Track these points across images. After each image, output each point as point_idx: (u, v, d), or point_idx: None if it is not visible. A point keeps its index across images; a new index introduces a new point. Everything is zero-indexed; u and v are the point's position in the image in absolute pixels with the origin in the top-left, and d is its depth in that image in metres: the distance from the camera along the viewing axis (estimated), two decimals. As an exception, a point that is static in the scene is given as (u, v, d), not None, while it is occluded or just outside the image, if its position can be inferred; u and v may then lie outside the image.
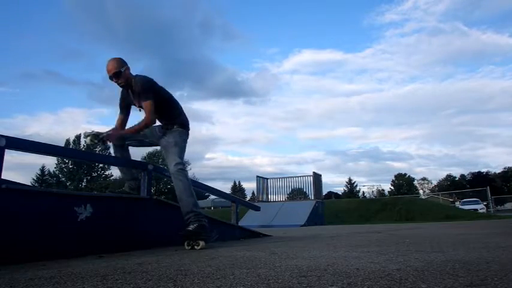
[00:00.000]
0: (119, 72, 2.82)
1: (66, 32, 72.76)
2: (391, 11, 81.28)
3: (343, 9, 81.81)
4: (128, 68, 2.90)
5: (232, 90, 73.13)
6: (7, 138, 2.19)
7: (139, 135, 3.08)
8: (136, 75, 2.91)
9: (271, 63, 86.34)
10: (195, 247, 2.66)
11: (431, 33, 74.38)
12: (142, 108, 2.90)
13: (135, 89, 2.87)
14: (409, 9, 75.27)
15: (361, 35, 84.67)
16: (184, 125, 3.07)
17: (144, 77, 2.90)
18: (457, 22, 75.65)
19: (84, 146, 45.20)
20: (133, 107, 3.07)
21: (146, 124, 2.88)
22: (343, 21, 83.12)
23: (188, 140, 3.06)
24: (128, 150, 3.17)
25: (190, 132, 3.11)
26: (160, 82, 3.01)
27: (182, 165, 2.88)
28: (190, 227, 2.72)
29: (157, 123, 3.03)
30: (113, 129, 2.99)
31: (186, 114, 3.15)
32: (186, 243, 2.72)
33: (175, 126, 3.01)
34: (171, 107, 3.05)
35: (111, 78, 2.84)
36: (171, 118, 3.04)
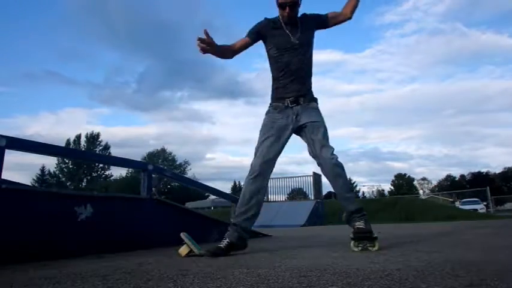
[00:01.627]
0: (297, 3, 2.34)
1: (67, 32, 72.71)
2: (390, 11, 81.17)
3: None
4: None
5: (232, 91, 73.06)
6: (7, 138, 2.19)
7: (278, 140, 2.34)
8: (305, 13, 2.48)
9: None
10: (370, 248, 2.16)
11: (431, 33, 74.42)
12: (295, 51, 2.35)
13: (308, 24, 2.41)
14: (408, 10, 75.29)
15: (361, 36, 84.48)
16: (316, 100, 2.47)
17: None
18: (457, 22, 75.70)
19: (84, 146, 45.26)
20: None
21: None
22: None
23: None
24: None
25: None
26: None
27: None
28: (362, 225, 2.23)
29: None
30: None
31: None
32: (354, 244, 2.19)
33: (311, 96, 2.43)
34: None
35: (284, 5, 2.31)
36: (310, 80, 2.47)
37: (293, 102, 2.35)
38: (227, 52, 2.38)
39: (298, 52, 2.36)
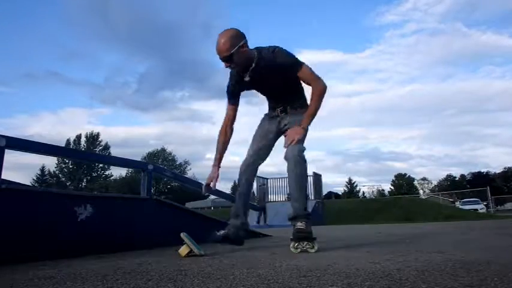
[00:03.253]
0: (230, 56, 2.21)
1: (68, 32, 72.95)
2: (390, 11, 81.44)
3: (343, 9, 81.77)
4: (244, 45, 2.24)
5: (233, 91, 72.93)
6: (7, 138, 2.18)
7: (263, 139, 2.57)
8: (261, 49, 2.32)
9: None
10: (309, 250, 2.14)
11: (431, 34, 74.44)
12: (266, 90, 2.48)
13: (266, 65, 2.30)
14: (408, 10, 75.54)
15: (361, 36, 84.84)
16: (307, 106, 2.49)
17: (281, 49, 2.30)
18: (457, 23, 75.84)
19: (84, 146, 45.24)
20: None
21: (324, 91, 2.32)
22: (343, 22, 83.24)
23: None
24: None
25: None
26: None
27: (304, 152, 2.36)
28: (303, 225, 2.19)
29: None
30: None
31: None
32: (294, 245, 2.18)
33: (298, 103, 2.48)
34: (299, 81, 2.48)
35: (221, 59, 2.28)
36: (298, 94, 2.50)
37: (282, 112, 2.53)
38: (229, 140, 2.60)
39: (267, 90, 2.52)
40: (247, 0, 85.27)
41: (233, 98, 2.53)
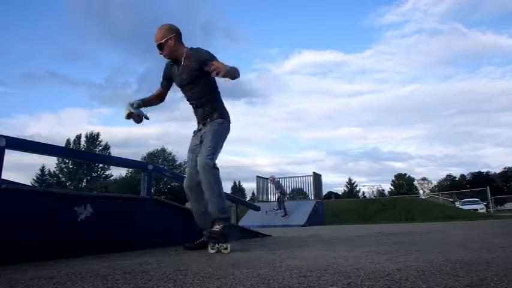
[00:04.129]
0: (160, 45, 2.55)
1: (68, 32, 72.79)
2: (390, 12, 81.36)
3: (343, 10, 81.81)
4: (173, 38, 2.56)
5: (233, 91, 73.03)
6: (7, 138, 2.19)
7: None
8: (192, 48, 2.61)
9: (272, 63, 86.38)
10: (223, 251, 2.33)
11: (431, 34, 74.47)
12: (187, 86, 2.62)
13: (190, 62, 2.55)
14: (408, 11, 75.53)
15: (361, 36, 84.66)
16: (225, 115, 2.69)
17: (203, 49, 2.59)
18: (457, 23, 75.82)
19: (84, 146, 45.25)
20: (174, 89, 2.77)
21: (237, 70, 2.45)
22: (343, 22, 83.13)
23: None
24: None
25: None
26: None
27: (214, 159, 2.49)
28: (219, 228, 2.39)
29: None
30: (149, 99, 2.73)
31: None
32: (210, 246, 2.40)
33: (215, 115, 2.62)
34: (217, 88, 2.72)
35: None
36: (215, 103, 2.66)
37: (200, 124, 2.69)
38: (154, 102, 2.79)
39: (188, 88, 2.64)
40: (247, 0, 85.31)
41: (163, 82, 2.77)
